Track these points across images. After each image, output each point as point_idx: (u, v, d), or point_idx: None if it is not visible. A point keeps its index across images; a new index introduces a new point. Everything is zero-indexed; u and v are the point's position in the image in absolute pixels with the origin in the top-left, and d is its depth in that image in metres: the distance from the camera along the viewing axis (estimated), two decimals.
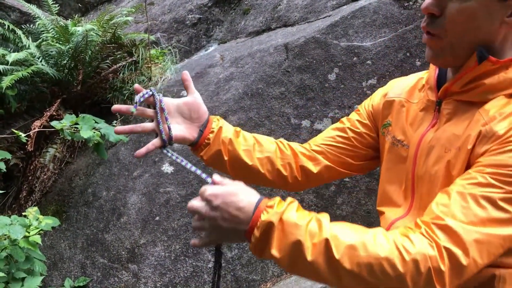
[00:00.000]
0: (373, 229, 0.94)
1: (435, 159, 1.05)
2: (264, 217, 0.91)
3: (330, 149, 1.35)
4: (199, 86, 3.51)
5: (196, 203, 0.99)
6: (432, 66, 1.16)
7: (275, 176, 1.33)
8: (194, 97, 1.31)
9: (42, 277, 2.61)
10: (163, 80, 3.73)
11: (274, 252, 0.90)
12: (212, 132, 1.30)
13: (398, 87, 1.28)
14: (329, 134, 1.38)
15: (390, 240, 0.89)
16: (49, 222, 2.58)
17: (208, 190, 0.97)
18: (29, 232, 2.47)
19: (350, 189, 2.92)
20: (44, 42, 3.64)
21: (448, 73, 1.12)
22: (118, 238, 3.12)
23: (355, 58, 3.04)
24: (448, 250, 0.86)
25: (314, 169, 1.35)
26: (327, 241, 0.88)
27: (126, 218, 3.15)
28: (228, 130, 1.33)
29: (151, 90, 1.25)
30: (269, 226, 0.90)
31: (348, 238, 0.90)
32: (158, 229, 3.05)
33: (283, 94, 3.14)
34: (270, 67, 3.23)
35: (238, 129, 1.37)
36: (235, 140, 1.32)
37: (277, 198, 0.96)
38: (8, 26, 3.72)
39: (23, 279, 2.50)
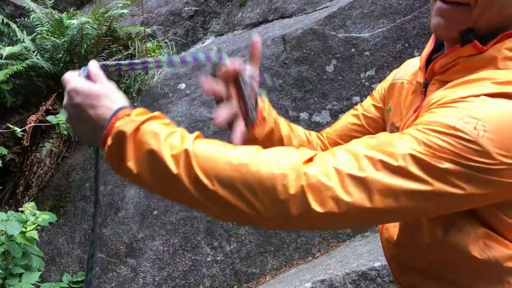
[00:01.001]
0: (247, 146, 0.81)
1: None
2: (118, 123, 0.80)
3: (343, 139, 1.28)
4: (196, 79, 3.49)
5: (67, 78, 0.88)
6: (428, 44, 1.07)
7: None
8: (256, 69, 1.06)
9: (40, 272, 2.60)
10: (160, 73, 3.71)
11: (131, 164, 0.79)
12: (264, 109, 1.12)
13: (406, 68, 1.20)
14: (342, 122, 1.32)
15: (260, 152, 0.78)
16: (46, 217, 2.57)
17: (72, 82, 0.86)
18: (26, 228, 2.46)
19: None
20: (39, 36, 3.61)
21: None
22: (116, 233, 3.11)
23: (353, 50, 3.02)
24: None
25: None
26: (186, 152, 0.77)
27: (124, 212, 3.14)
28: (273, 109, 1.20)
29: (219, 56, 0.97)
30: (121, 134, 0.79)
31: (212, 150, 0.79)
32: (157, 223, 3.04)
33: (281, 86, 3.11)
34: (268, 59, 3.20)
35: None
36: (280, 121, 1.19)
37: (140, 109, 0.84)
38: (2, 19, 3.69)
39: (20, 274, 2.49)
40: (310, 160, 0.77)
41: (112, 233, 3.12)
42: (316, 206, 0.73)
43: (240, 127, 1.01)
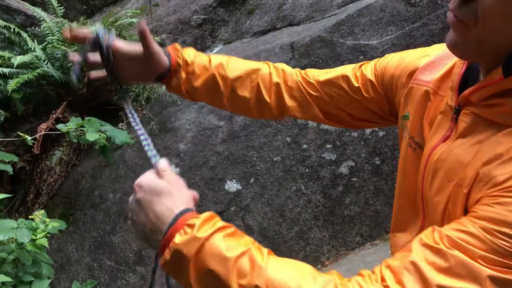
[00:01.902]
0: (324, 277, 0.74)
1: (438, 187, 0.86)
2: (178, 239, 0.74)
3: (328, 96, 1.18)
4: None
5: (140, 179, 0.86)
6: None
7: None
8: (152, 51, 1.07)
9: (50, 280, 2.60)
10: None
11: (195, 285, 0.74)
12: (180, 57, 1.13)
13: (429, 68, 1.02)
14: (337, 82, 1.18)
15: None
16: (56, 225, 2.57)
17: (140, 177, 0.84)
18: (36, 235, 2.47)
19: (358, 189, 2.90)
20: (49, 45, 3.64)
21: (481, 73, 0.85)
22: (125, 241, 3.11)
23: (361, 57, 3.01)
24: None
25: (300, 114, 1.21)
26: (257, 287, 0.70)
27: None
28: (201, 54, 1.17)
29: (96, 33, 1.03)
30: (182, 255, 0.73)
31: (285, 283, 0.72)
32: None
33: None
34: None
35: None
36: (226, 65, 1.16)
37: (205, 215, 0.77)
38: (14, 29, 3.73)
39: (30, 282, 2.49)
40: None
41: (121, 241, 3.12)
42: None
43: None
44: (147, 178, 0.83)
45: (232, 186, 3.04)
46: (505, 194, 0.70)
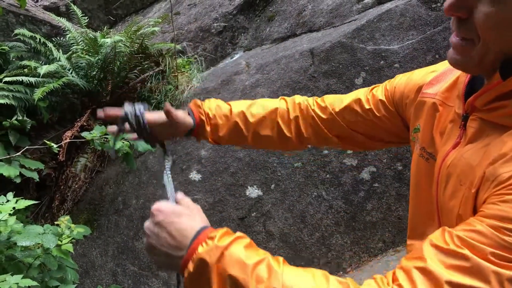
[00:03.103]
0: (338, 279, 0.78)
1: (451, 192, 0.89)
2: (201, 250, 0.78)
3: (348, 124, 1.26)
4: (225, 93, 3.52)
5: (156, 205, 0.90)
6: None
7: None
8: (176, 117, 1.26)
9: (75, 285, 2.64)
10: (190, 88, 3.77)
11: None
12: (203, 113, 1.33)
13: (436, 82, 1.08)
14: (350, 110, 1.27)
15: None
16: (80, 230, 2.61)
17: (158, 203, 0.88)
18: (61, 241, 2.51)
19: (380, 195, 2.87)
20: (74, 55, 3.73)
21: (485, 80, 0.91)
22: None
23: (382, 62, 3.00)
24: None
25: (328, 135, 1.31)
26: None
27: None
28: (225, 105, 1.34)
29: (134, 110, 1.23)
30: (204, 263, 0.77)
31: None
32: None
33: None
34: (296, 73, 3.21)
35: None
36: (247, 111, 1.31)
37: (224, 229, 0.82)
38: (40, 39, 3.83)
39: (56, 287, 2.54)
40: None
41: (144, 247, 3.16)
42: None
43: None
44: (165, 204, 0.88)
45: (253, 192, 3.05)
46: (510, 192, 0.72)
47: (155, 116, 1.25)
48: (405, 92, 1.16)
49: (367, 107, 1.23)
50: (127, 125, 1.24)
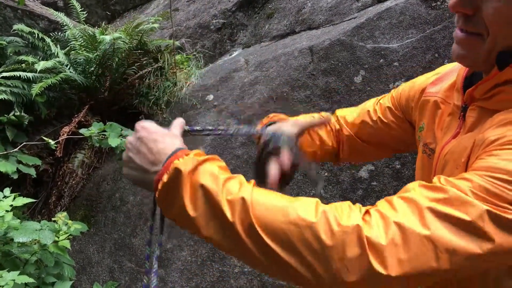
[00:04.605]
0: (306, 198, 0.78)
1: (447, 176, 0.88)
2: (176, 161, 0.79)
3: (359, 136, 1.31)
4: (223, 90, 3.52)
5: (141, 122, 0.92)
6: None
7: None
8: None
9: (72, 281, 2.64)
10: (188, 85, 3.75)
11: (187, 206, 0.77)
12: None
13: (438, 82, 1.12)
14: (359, 121, 1.31)
15: (320, 209, 0.74)
16: (78, 227, 2.61)
17: (143, 122, 0.91)
18: (58, 237, 2.51)
19: (378, 193, 2.87)
20: (72, 51, 3.71)
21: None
22: (145, 243, 3.14)
23: (381, 60, 2.99)
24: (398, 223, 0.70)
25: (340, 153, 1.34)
26: (243, 199, 0.74)
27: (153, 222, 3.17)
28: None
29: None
30: (178, 171, 0.78)
31: (269, 201, 0.75)
32: (185, 234, 3.06)
33: (308, 97, 3.11)
34: (295, 71, 3.20)
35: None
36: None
37: (199, 151, 0.84)
38: (37, 34, 3.81)
39: (52, 283, 2.53)
40: (367, 213, 0.74)
41: (142, 243, 3.15)
42: (378, 268, 0.68)
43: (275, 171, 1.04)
44: (151, 123, 0.90)
45: None
46: (497, 148, 0.76)
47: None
48: (411, 95, 1.20)
49: (375, 117, 1.27)
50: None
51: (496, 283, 0.85)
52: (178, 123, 0.97)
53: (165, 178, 0.79)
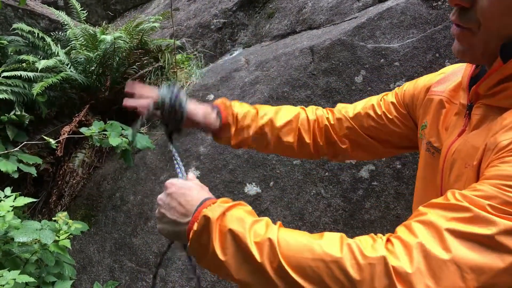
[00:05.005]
0: (330, 234, 0.81)
1: (456, 176, 0.92)
2: (205, 210, 0.85)
3: (363, 130, 1.31)
4: (224, 90, 3.52)
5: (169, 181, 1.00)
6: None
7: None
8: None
9: (72, 281, 2.65)
10: (189, 84, 3.75)
11: (218, 251, 0.80)
12: (231, 114, 1.34)
13: (444, 81, 1.13)
14: (362, 115, 1.32)
15: (344, 243, 0.76)
16: (78, 226, 2.61)
17: (170, 179, 0.98)
18: (59, 237, 2.51)
19: (379, 193, 2.87)
20: (73, 51, 3.71)
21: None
22: (146, 242, 3.14)
23: (382, 60, 2.99)
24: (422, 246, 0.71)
25: (341, 145, 1.34)
26: (270, 240, 0.77)
27: (153, 222, 3.17)
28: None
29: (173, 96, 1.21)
30: (207, 219, 0.82)
31: (295, 240, 0.78)
32: None
33: (309, 97, 3.11)
34: (296, 70, 3.20)
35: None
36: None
37: (226, 199, 0.90)
38: (38, 33, 3.80)
39: (53, 283, 2.54)
40: (389, 241, 0.74)
41: (142, 243, 3.15)
42: None
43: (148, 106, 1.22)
44: (178, 179, 0.98)
45: (251, 189, 3.04)
46: (509, 154, 0.75)
47: (193, 110, 1.27)
48: (415, 93, 1.21)
49: (379, 112, 1.28)
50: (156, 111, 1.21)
51: None
52: (191, 174, 1.06)
53: (195, 226, 0.84)
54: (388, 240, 0.74)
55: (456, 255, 0.69)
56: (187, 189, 0.93)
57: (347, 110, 1.36)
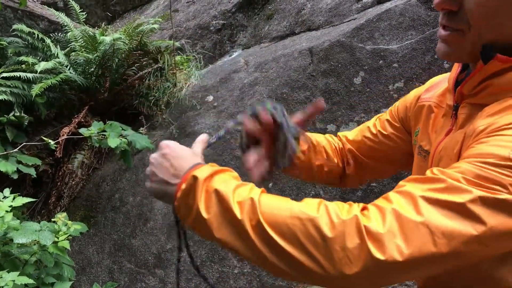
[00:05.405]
0: (309, 199, 0.83)
1: None
2: (195, 172, 0.87)
3: (362, 153, 1.33)
4: (223, 91, 3.52)
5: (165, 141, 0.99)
6: (455, 64, 1.05)
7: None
8: None
9: (71, 282, 2.64)
10: (188, 86, 3.76)
11: (202, 209, 0.82)
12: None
13: (432, 88, 1.17)
14: (360, 137, 1.35)
15: (322, 204, 0.78)
16: (77, 227, 2.61)
17: (167, 141, 0.98)
18: (58, 238, 2.51)
19: (377, 194, 2.88)
20: (72, 52, 3.71)
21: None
22: (145, 243, 3.14)
23: (381, 61, 3.00)
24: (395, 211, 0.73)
25: (347, 170, 1.35)
26: (252, 199, 0.79)
27: (152, 223, 3.17)
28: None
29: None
30: (195, 178, 0.85)
31: (275, 201, 0.81)
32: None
33: (308, 98, 3.11)
34: (295, 72, 3.21)
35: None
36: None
37: (215, 164, 0.92)
38: (37, 35, 3.81)
39: (52, 284, 2.54)
40: (365, 208, 0.77)
41: (141, 244, 3.15)
42: (378, 255, 0.70)
43: (260, 169, 1.13)
44: (175, 143, 0.97)
45: None
46: (485, 136, 0.79)
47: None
48: (407, 105, 1.25)
49: (374, 131, 1.31)
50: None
51: (488, 273, 0.87)
52: (201, 140, 1.06)
53: (183, 186, 0.86)
54: (364, 207, 0.78)
55: (428, 219, 0.71)
56: (181, 153, 0.95)
57: (346, 135, 1.40)
